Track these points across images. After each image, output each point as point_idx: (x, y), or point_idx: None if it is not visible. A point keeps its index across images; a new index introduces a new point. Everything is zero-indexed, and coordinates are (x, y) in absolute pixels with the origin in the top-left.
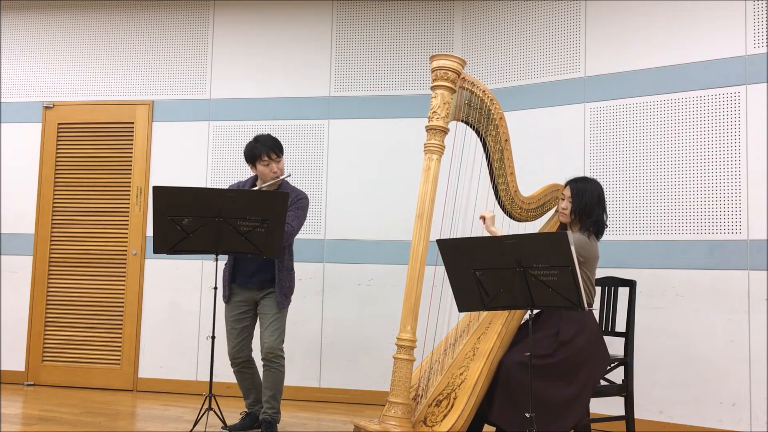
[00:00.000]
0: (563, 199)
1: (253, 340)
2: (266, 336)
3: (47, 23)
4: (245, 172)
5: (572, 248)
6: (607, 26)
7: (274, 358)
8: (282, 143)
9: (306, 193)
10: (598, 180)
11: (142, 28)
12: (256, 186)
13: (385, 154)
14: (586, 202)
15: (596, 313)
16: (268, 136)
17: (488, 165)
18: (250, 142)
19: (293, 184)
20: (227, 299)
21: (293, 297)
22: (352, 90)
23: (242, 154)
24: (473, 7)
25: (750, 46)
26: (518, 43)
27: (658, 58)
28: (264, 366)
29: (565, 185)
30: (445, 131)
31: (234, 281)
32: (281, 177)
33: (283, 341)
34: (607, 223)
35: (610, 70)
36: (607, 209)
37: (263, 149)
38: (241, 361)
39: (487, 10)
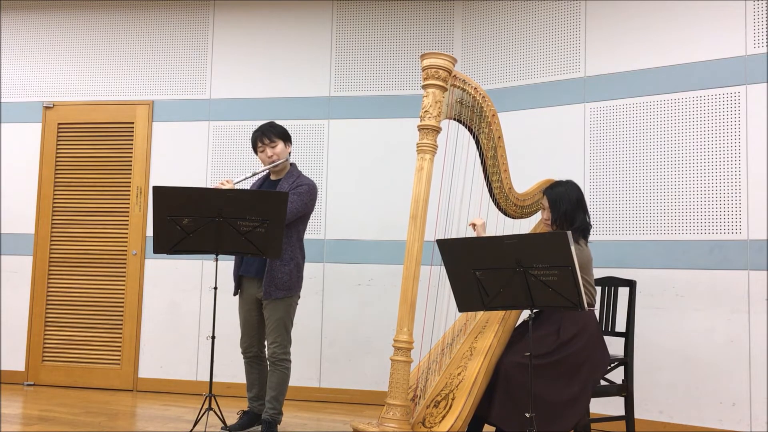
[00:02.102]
0: (544, 209)
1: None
2: (269, 341)
3: (47, 23)
4: (245, 172)
5: (572, 248)
6: (607, 26)
7: (279, 361)
8: (287, 130)
9: (314, 181)
10: (598, 179)
11: (142, 28)
12: (269, 179)
13: (385, 154)
14: (565, 209)
15: (596, 313)
16: (269, 122)
17: (482, 163)
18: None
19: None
20: (235, 292)
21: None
22: (352, 90)
23: (242, 154)
24: (473, 7)
25: (750, 46)
26: (518, 43)
27: (658, 58)
28: (270, 366)
29: (543, 195)
30: (437, 130)
31: (240, 271)
32: (278, 161)
33: (287, 344)
34: (591, 222)
35: (610, 70)
36: (590, 204)
37: (257, 135)
38: (251, 355)
39: (487, 10)
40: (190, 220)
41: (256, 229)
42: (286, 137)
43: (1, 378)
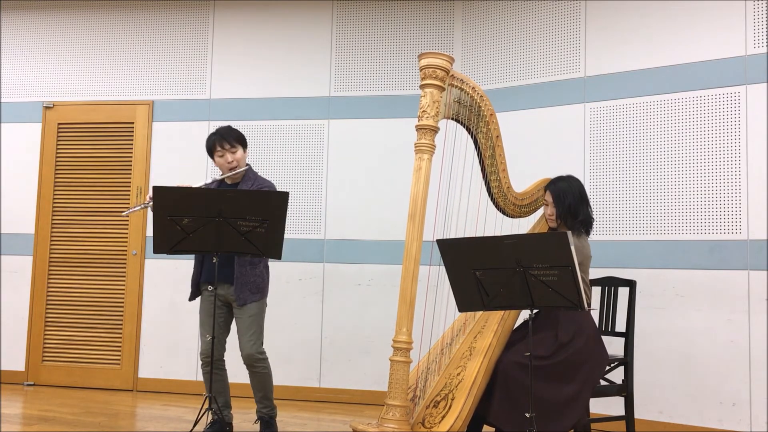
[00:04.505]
0: (547, 205)
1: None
2: (243, 342)
3: (47, 23)
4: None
5: (572, 248)
6: (607, 26)
7: (256, 362)
8: (245, 136)
9: (273, 183)
10: (598, 179)
11: (142, 28)
12: (225, 183)
13: (385, 154)
14: (569, 203)
15: (596, 314)
16: (227, 126)
17: (480, 162)
18: (209, 135)
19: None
20: (193, 296)
21: (292, 296)
22: (352, 90)
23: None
24: (473, 7)
25: (750, 46)
26: (518, 43)
27: (658, 58)
28: (248, 370)
29: (545, 190)
30: (435, 130)
31: (201, 278)
32: (239, 170)
33: (261, 343)
34: (594, 216)
35: (610, 70)
36: (591, 203)
37: (215, 138)
38: (216, 359)
39: (487, 10)
40: (190, 220)
41: (256, 229)
42: (244, 143)
43: (1, 378)
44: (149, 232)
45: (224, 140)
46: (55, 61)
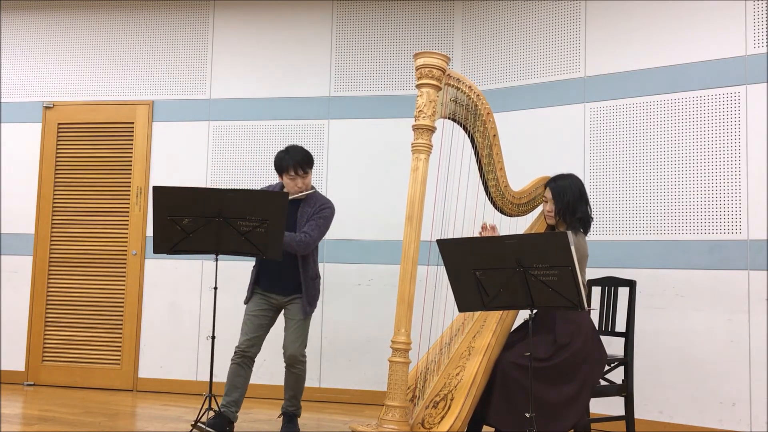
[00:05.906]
0: (546, 202)
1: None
2: (289, 342)
3: (47, 23)
4: (245, 172)
5: (572, 248)
6: (607, 26)
7: (297, 363)
8: (312, 156)
9: (332, 201)
10: (598, 179)
11: (142, 28)
12: (284, 190)
13: (385, 154)
14: (569, 200)
15: (596, 314)
16: (300, 148)
17: (477, 161)
18: (281, 152)
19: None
20: (248, 300)
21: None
22: (352, 90)
23: (242, 154)
24: (473, 7)
25: (750, 46)
26: (518, 43)
27: (658, 58)
28: (286, 368)
29: (545, 187)
30: (432, 130)
31: (258, 284)
32: (306, 192)
33: (305, 346)
34: (593, 215)
35: (610, 70)
36: (590, 201)
37: (290, 163)
38: (249, 356)
39: (487, 10)
40: (190, 220)
41: (256, 229)
42: (312, 165)
43: (1, 378)
44: (149, 232)
45: (299, 167)
46: (55, 61)
